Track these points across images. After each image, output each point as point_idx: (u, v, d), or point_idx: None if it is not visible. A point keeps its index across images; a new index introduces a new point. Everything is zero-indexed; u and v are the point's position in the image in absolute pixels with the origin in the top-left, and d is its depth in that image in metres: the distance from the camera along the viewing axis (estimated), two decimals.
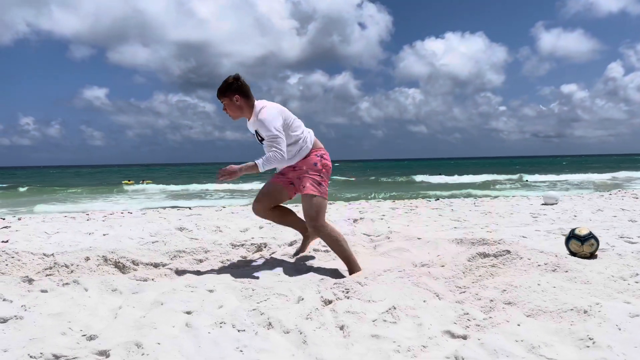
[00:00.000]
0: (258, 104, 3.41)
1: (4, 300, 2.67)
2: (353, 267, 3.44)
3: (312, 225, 3.40)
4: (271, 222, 3.78)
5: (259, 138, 3.44)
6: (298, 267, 3.58)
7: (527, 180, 27.00)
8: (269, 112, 3.30)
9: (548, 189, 18.98)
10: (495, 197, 12.87)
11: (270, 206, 3.61)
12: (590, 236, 3.68)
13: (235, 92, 3.34)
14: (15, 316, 2.42)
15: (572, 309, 2.36)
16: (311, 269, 3.50)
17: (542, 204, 8.75)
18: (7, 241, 5.12)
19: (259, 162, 3.21)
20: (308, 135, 3.49)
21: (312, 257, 3.92)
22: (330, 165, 3.52)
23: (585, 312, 2.31)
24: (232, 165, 3.26)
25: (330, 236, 3.42)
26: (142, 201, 17.90)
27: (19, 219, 8.24)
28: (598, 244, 3.71)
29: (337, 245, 3.43)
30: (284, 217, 3.71)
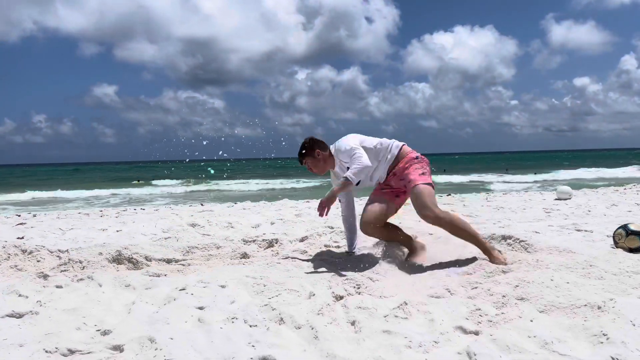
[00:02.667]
0: (332, 147, 3.62)
1: (20, 295, 2.72)
2: (488, 250, 3.31)
3: (425, 215, 3.33)
4: (378, 238, 3.81)
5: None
6: (309, 262, 3.58)
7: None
8: (342, 142, 3.51)
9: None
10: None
11: (381, 223, 3.58)
12: None
13: (313, 148, 3.58)
14: (30, 311, 2.46)
15: (585, 305, 2.34)
16: (322, 265, 3.50)
17: (556, 199, 8.66)
18: (22, 237, 5.19)
19: (348, 175, 3.24)
20: (392, 142, 3.59)
21: (324, 253, 3.93)
22: (428, 161, 3.58)
23: (599, 307, 2.29)
24: (326, 198, 3.30)
25: (451, 224, 3.33)
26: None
27: (34, 216, 8.35)
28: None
29: (462, 231, 3.34)
30: (391, 233, 3.71)
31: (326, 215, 3.33)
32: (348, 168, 3.37)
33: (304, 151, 3.60)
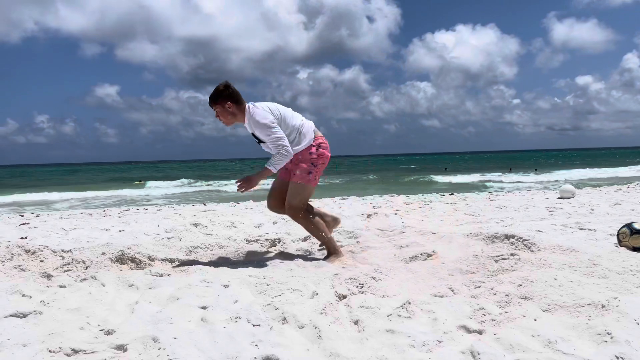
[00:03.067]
0: (249, 107, 3.56)
1: (24, 295, 2.72)
2: (331, 252, 3.70)
3: (288, 210, 3.63)
4: (285, 217, 4.03)
5: (257, 140, 3.62)
6: (312, 262, 3.59)
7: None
8: (260, 112, 3.49)
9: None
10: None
11: (282, 200, 3.73)
12: None
13: (226, 99, 3.51)
14: (34, 311, 2.46)
15: (589, 304, 2.34)
16: (325, 264, 3.50)
17: (559, 198, 8.64)
18: (26, 237, 5.21)
19: (269, 166, 3.45)
20: (304, 125, 3.63)
21: (326, 252, 3.92)
22: (328, 155, 3.68)
23: (603, 306, 2.29)
24: (248, 176, 3.48)
25: (305, 222, 3.67)
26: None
27: (37, 216, 8.37)
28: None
29: (313, 230, 3.70)
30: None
31: (243, 192, 3.53)
32: (259, 140, 3.53)
33: (215, 98, 3.52)
